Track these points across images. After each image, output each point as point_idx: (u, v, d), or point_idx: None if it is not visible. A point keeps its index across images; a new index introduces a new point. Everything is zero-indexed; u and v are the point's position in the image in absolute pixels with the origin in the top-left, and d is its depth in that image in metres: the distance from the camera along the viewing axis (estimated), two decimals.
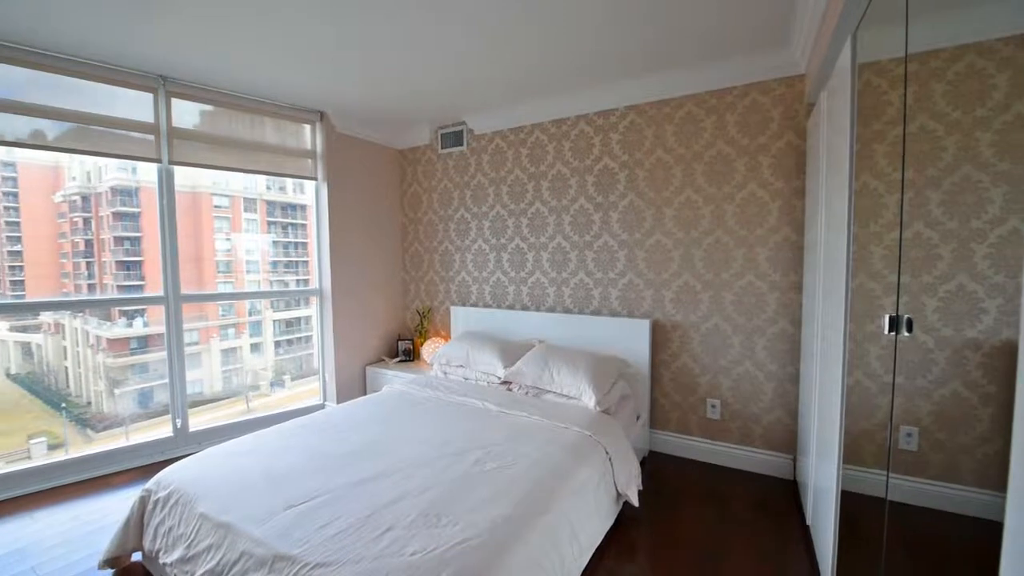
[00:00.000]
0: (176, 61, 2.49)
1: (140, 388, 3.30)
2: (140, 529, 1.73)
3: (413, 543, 1.35)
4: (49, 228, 3.23)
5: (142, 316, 3.23)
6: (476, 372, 2.94)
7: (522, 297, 3.34)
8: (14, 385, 3.08)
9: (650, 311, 2.83)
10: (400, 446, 1.98)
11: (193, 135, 2.87)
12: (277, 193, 3.93)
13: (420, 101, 3.09)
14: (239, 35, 2.20)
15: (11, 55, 2.24)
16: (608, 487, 1.97)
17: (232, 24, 2.09)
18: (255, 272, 3.81)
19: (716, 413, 2.66)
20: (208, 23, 2.09)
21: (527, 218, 3.27)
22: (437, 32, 2.14)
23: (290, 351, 4.06)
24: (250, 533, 1.41)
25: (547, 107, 3.05)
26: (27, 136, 2.38)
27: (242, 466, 1.80)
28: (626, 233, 2.88)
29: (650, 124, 2.76)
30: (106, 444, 2.86)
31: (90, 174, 3.29)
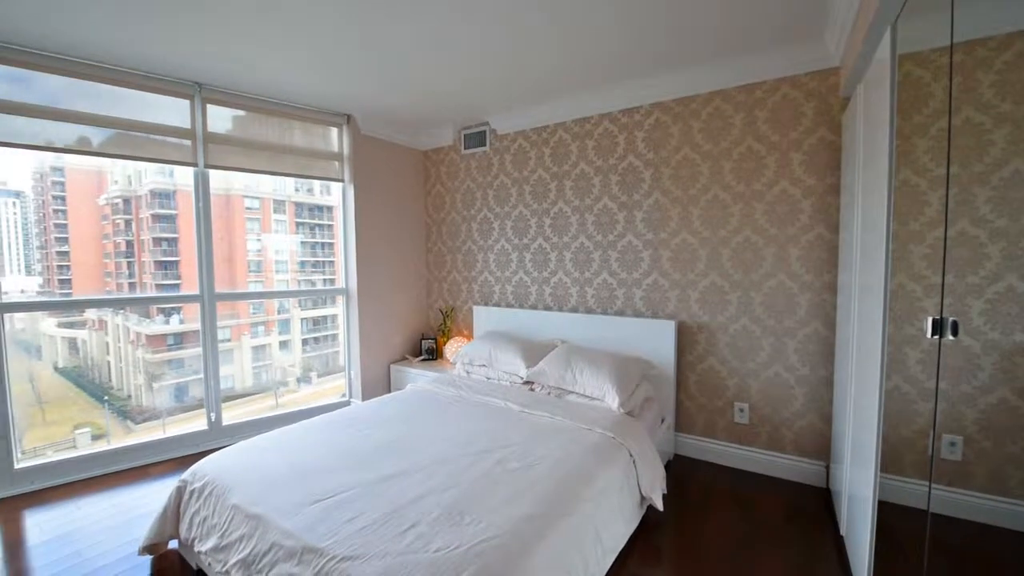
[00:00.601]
0: (211, 68, 2.59)
1: (176, 383, 3.44)
2: (177, 518, 1.80)
3: (437, 540, 1.36)
4: (94, 229, 3.39)
5: (178, 313, 3.37)
6: (498, 372, 2.95)
7: (544, 297, 3.33)
8: (61, 378, 3.26)
9: (675, 312, 2.77)
10: (424, 444, 2.00)
11: (226, 139, 2.97)
12: (305, 195, 4.03)
13: (444, 102, 3.12)
14: (270, 43, 2.27)
15: (60, 66, 2.37)
16: (632, 490, 1.94)
17: (263, 32, 2.16)
18: (284, 272, 3.92)
19: (744, 417, 2.59)
20: (241, 32, 2.16)
21: (550, 218, 3.26)
22: (461, 33, 2.15)
23: (317, 349, 4.16)
24: (280, 525, 1.45)
25: (570, 106, 3.03)
26: (74, 142, 2.51)
27: (272, 460, 1.85)
28: (651, 232, 2.83)
29: (676, 121, 2.71)
30: (145, 436, 2.99)
31: (131, 178, 3.44)
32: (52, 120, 2.41)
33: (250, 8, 1.95)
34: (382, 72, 2.63)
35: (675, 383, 2.72)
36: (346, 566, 1.28)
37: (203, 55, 2.41)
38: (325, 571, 1.29)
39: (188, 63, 2.51)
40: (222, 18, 2.03)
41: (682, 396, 2.79)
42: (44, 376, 3.05)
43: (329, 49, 2.34)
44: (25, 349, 2.79)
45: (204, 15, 2.00)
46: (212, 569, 1.61)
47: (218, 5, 1.92)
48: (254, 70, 2.61)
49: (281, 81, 2.77)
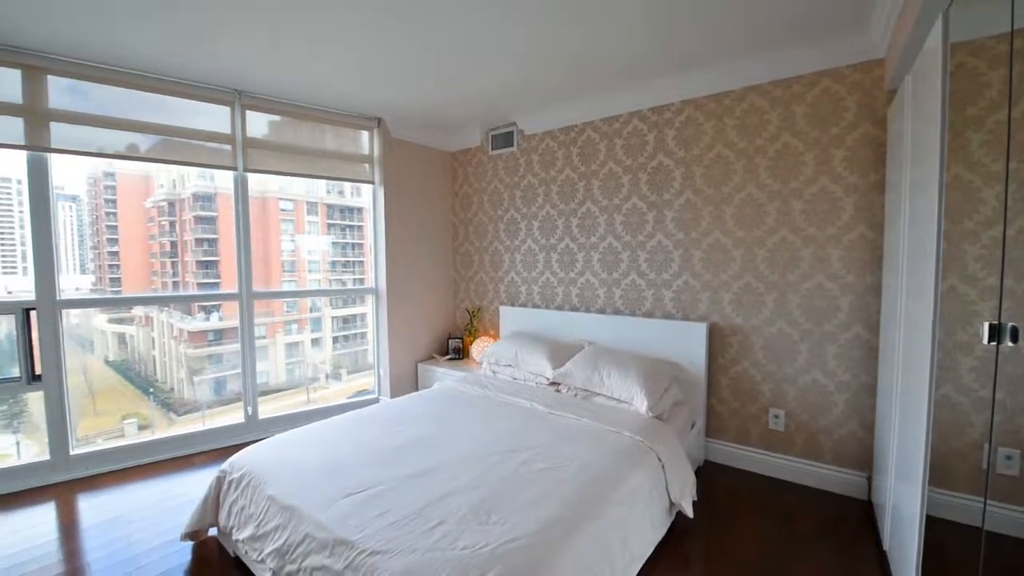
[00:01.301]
0: (250, 76, 2.69)
1: (215, 377, 3.59)
2: (216, 507, 1.88)
3: (463, 538, 1.37)
4: (141, 231, 3.58)
5: (218, 311, 3.52)
6: (524, 372, 2.94)
7: (571, 298, 3.31)
8: (111, 371, 3.45)
9: (707, 314, 2.70)
10: (450, 442, 2.02)
11: (263, 144, 3.08)
12: (336, 196, 4.14)
13: (471, 104, 3.14)
14: (305, 52, 2.35)
15: (113, 77, 2.51)
16: (660, 495, 1.90)
17: (299, 42, 2.24)
18: (316, 271, 4.04)
19: (779, 424, 2.50)
20: (278, 42, 2.24)
21: (577, 218, 3.23)
22: (490, 34, 2.16)
23: (347, 346, 4.26)
24: (313, 517, 1.49)
25: (598, 105, 3.00)
26: (124, 149, 2.65)
27: (305, 454, 1.91)
28: (682, 232, 2.77)
29: (709, 118, 2.64)
30: (186, 427, 3.14)
31: (175, 182, 3.62)
32: (105, 128, 2.56)
33: (288, 20, 2.03)
34: (411, 76, 2.67)
35: (706, 387, 2.65)
36: (375, 560, 1.30)
37: (243, 64, 2.51)
38: (355, 564, 1.32)
39: (229, 72, 2.61)
40: (262, 29, 2.12)
41: (713, 401, 2.71)
42: (96, 368, 3.24)
43: (360, 56, 2.40)
44: (79, 343, 2.96)
45: (245, 27, 2.09)
46: (249, 557, 1.67)
47: (258, 18, 1.99)
48: (290, 77, 2.70)
49: (315, 87, 2.86)
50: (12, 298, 2.61)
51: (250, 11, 1.96)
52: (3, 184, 2.90)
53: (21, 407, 2.80)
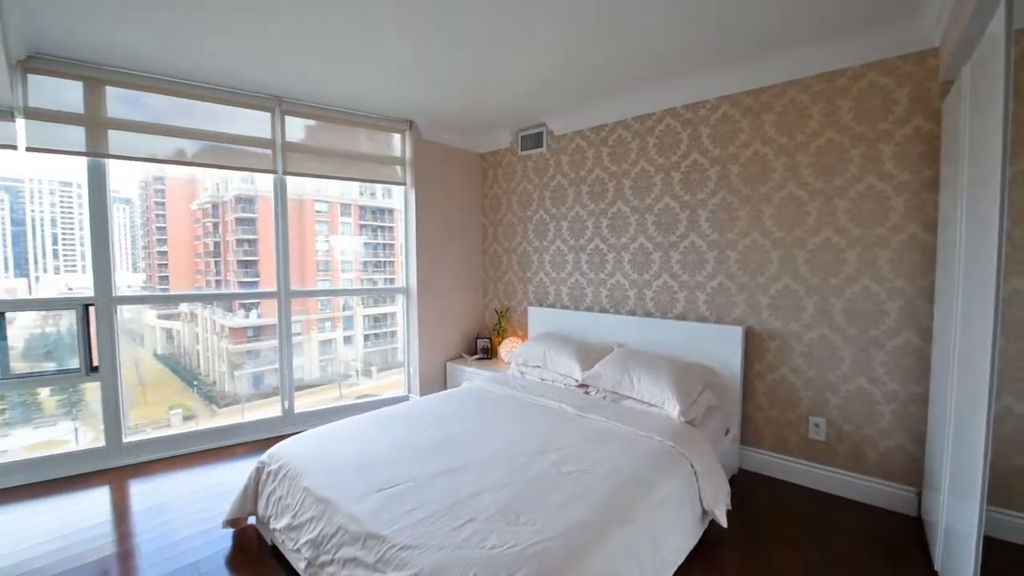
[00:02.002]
0: (290, 83, 2.79)
1: (254, 371, 3.74)
2: (255, 496, 1.96)
3: (492, 537, 1.37)
4: (187, 232, 3.78)
5: (256, 308, 3.66)
6: (553, 373, 2.93)
7: (601, 299, 3.27)
8: (159, 364, 3.65)
9: (743, 317, 2.61)
10: (479, 441, 2.03)
11: (301, 148, 3.18)
12: (368, 198, 4.25)
13: (501, 105, 3.15)
14: (342, 60, 2.42)
15: (163, 86, 2.66)
16: (693, 503, 1.85)
17: (336, 50, 2.32)
18: (348, 271, 4.15)
19: (820, 433, 2.39)
20: (317, 51, 2.33)
21: (607, 218, 3.19)
22: (520, 35, 2.16)
23: (377, 344, 4.36)
24: (346, 510, 1.53)
25: (630, 103, 2.95)
26: (173, 154, 2.80)
27: (339, 449, 1.96)
28: (716, 233, 2.69)
29: (746, 115, 2.56)
30: (227, 419, 3.28)
31: (219, 185, 3.80)
32: (156, 135, 2.71)
33: (325, 31, 2.10)
34: (443, 80, 2.70)
35: (741, 393, 2.56)
36: (406, 555, 1.32)
37: (283, 72, 2.61)
38: (386, 558, 1.34)
39: (270, 79, 2.72)
40: (302, 40, 2.21)
41: (749, 407, 2.62)
42: (146, 361, 3.43)
43: (394, 62, 2.46)
44: (131, 337, 3.14)
45: (286, 38, 2.17)
46: (285, 546, 1.73)
47: (299, 30, 2.07)
48: (327, 84, 2.79)
49: (351, 92, 2.94)
50: (73, 294, 2.79)
51: (291, 25, 2.04)
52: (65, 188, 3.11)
53: (79, 396, 3.00)
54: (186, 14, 1.98)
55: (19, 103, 2.33)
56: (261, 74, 2.64)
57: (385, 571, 1.32)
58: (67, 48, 2.30)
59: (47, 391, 2.95)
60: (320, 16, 1.99)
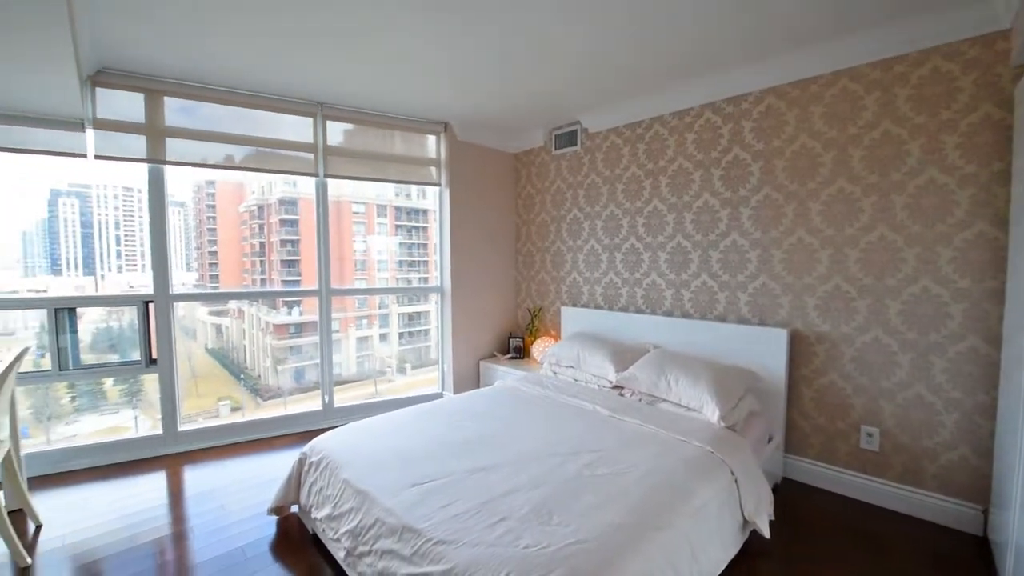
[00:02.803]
0: (331, 89, 2.89)
1: (295, 366, 3.90)
2: (298, 486, 2.03)
3: (526, 537, 1.37)
4: (235, 233, 3.97)
5: (298, 306, 3.81)
6: (586, 374, 2.89)
7: (636, 299, 3.20)
8: (210, 358, 3.86)
9: (788, 319, 2.50)
10: (512, 440, 2.03)
11: (340, 151, 3.29)
12: (403, 199, 4.34)
13: (536, 104, 3.14)
14: (380, 66, 2.50)
15: (214, 95, 2.80)
16: (733, 511, 1.79)
17: (375, 57, 2.39)
18: (384, 270, 4.26)
19: (873, 443, 2.25)
20: (357, 58, 2.41)
21: (643, 217, 3.12)
22: (554, 34, 2.15)
23: (411, 342, 4.45)
24: (383, 503, 1.57)
25: (667, 98, 2.88)
26: (222, 159, 2.95)
27: (376, 443, 2.01)
28: (759, 231, 2.58)
29: (792, 107, 2.44)
30: (270, 412, 3.42)
31: (264, 188, 3.97)
32: (207, 141, 2.86)
33: (365, 40, 2.18)
34: (477, 82, 2.73)
35: (786, 399, 2.45)
36: (441, 549, 1.34)
37: (325, 79, 2.71)
38: (422, 551, 1.37)
39: (313, 86, 2.83)
40: (343, 49, 2.29)
41: (794, 414, 2.50)
42: (198, 355, 3.63)
43: (430, 66, 2.51)
44: (185, 332, 3.34)
45: (328, 48, 2.26)
46: (326, 535, 1.78)
47: (340, 40, 2.15)
48: (366, 88, 2.87)
49: (388, 96, 3.01)
50: (134, 292, 2.99)
51: (333, 35, 2.11)
52: (127, 193, 3.34)
53: (139, 386, 3.22)
54: (237, 29, 2.08)
55: (89, 115, 2.51)
56: (304, 81, 2.74)
57: (421, 564, 1.35)
58: (130, 63, 2.47)
59: (111, 381, 3.18)
60: (361, 29, 2.05)
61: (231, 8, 1.94)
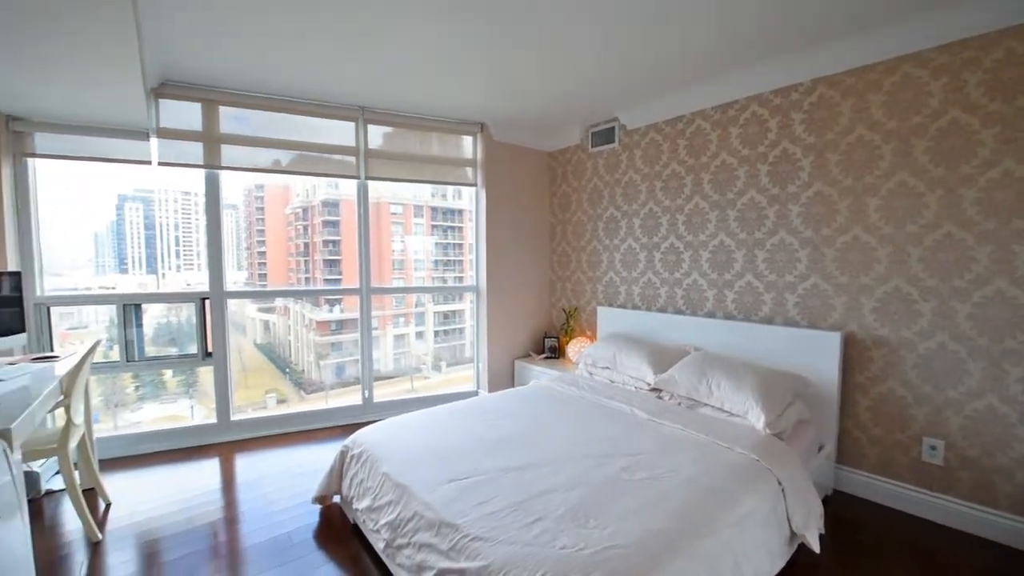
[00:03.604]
0: (372, 94, 2.98)
1: (336, 362, 4.04)
2: (340, 477, 2.11)
3: (562, 538, 1.36)
4: (282, 234, 4.16)
5: (339, 304, 3.95)
6: (623, 375, 2.84)
7: (676, 300, 3.11)
8: (258, 352, 4.06)
9: (842, 322, 2.36)
10: (547, 440, 2.02)
11: (380, 153, 3.37)
12: (439, 199, 4.42)
13: (572, 102, 3.11)
14: (420, 71, 2.57)
15: (263, 103, 2.94)
16: (780, 523, 1.70)
17: (414, 63, 2.46)
18: (421, 269, 4.35)
19: (937, 457, 2.09)
20: (398, 64, 2.49)
21: (684, 215, 3.03)
22: (592, 31, 2.12)
23: (446, 340, 4.52)
24: (421, 497, 1.60)
25: (710, 92, 2.78)
26: (270, 164, 3.09)
27: (415, 438, 2.05)
28: (810, 229, 2.45)
29: (847, 96, 2.30)
30: (313, 405, 3.56)
31: (308, 191, 4.14)
32: (256, 147, 3.01)
33: (406, 48, 2.25)
34: (514, 81, 2.73)
35: (838, 406, 2.31)
36: (478, 546, 1.35)
37: (367, 84, 2.79)
38: (459, 546, 1.38)
39: (355, 91, 2.92)
40: (384, 55, 2.37)
41: (848, 423, 2.36)
42: (247, 349, 3.83)
43: (467, 67, 2.54)
44: (236, 328, 3.52)
45: (370, 55, 2.34)
46: (366, 526, 1.84)
47: (380, 52, 2.21)
48: (406, 92, 2.94)
49: (427, 99, 3.07)
50: (191, 289, 3.19)
51: (375, 47, 2.18)
52: (185, 197, 3.56)
53: (195, 378, 3.43)
54: (286, 41, 2.18)
55: (153, 124, 2.70)
56: (347, 86, 2.83)
57: (458, 559, 1.36)
58: (189, 75, 2.63)
59: (170, 372, 3.40)
60: (398, 27, 2.10)
61: (282, 23, 2.04)
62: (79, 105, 2.38)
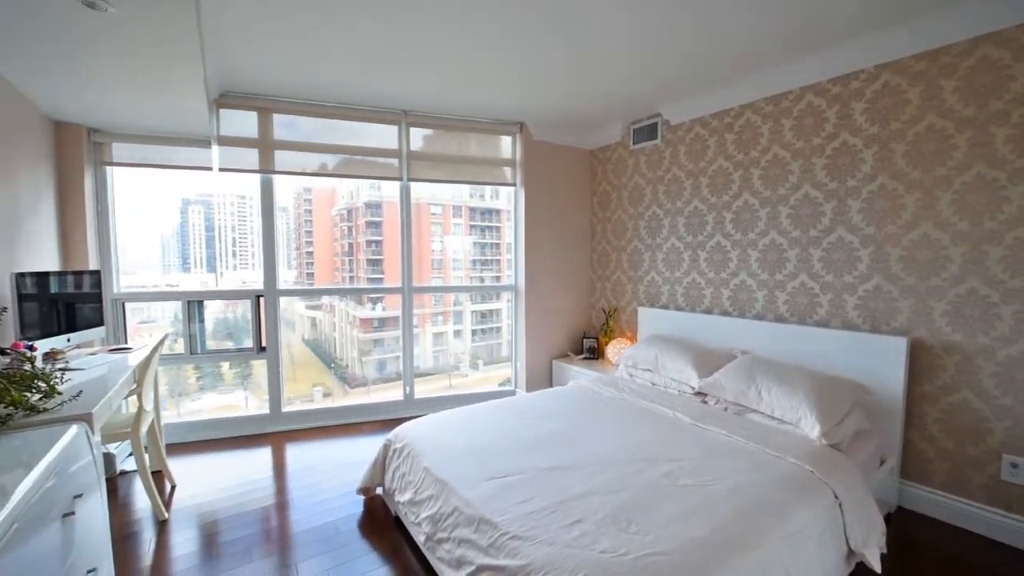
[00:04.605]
0: (414, 98, 3.05)
1: (378, 358, 4.17)
2: (383, 470, 2.17)
3: (603, 541, 1.34)
4: (328, 235, 4.33)
5: (381, 302, 4.07)
6: (665, 378, 2.76)
7: (722, 301, 2.99)
8: (305, 347, 4.25)
9: (908, 326, 2.19)
10: (587, 442, 2.00)
11: (421, 155, 3.44)
12: (477, 200, 4.46)
13: (613, 98, 3.05)
14: (461, 75, 2.62)
15: (312, 109, 3.07)
16: (836, 540, 1.60)
17: (456, 68, 2.51)
18: (459, 269, 4.41)
19: (1019, 476, 1.90)
20: (439, 69, 2.54)
21: (731, 212, 2.91)
22: (633, 21, 2.07)
23: (484, 339, 4.56)
24: (461, 493, 1.62)
25: (760, 82, 2.65)
26: (317, 167, 3.22)
27: (455, 434, 2.08)
28: (872, 226, 2.29)
29: (915, 82, 2.13)
30: (357, 399, 3.69)
31: (352, 193, 4.29)
32: (307, 152, 3.14)
33: (445, 54, 2.31)
34: (555, 79, 2.72)
35: (903, 417, 2.15)
36: (517, 544, 1.35)
37: (409, 88, 2.86)
38: (498, 544, 1.39)
39: (398, 95, 3.00)
40: (424, 59, 2.42)
41: (913, 435, 2.19)
42: (296, 344, 4.01)
43: (509, 69, 2.56)
44: (287, 324, 3.70)
45: (413, 61, 2.41)
46: (407, 519, 1.88)
47: (424, 65, 2.28)
48: (446, 94, 2.98)
49: (468, 100, 3.10)
50: (246, 287, 3.38)
51: (416, 51, 2.23)
52: (241, 200, 3.78)
53: (249, 370, 3.63)
54: (333, 49, 2.26)
55: (214, 133, 2.88)
56: (391, 91, 2.91)
57: (497, 556, 1.37)
58: (245, 85, 2.79)
59: (227, 364, 3.62)
60: (439, 31, 2.13)
61: (329, 36, 2.12)
62: (150, 117, 2.58)
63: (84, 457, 1.27)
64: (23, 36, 1.67)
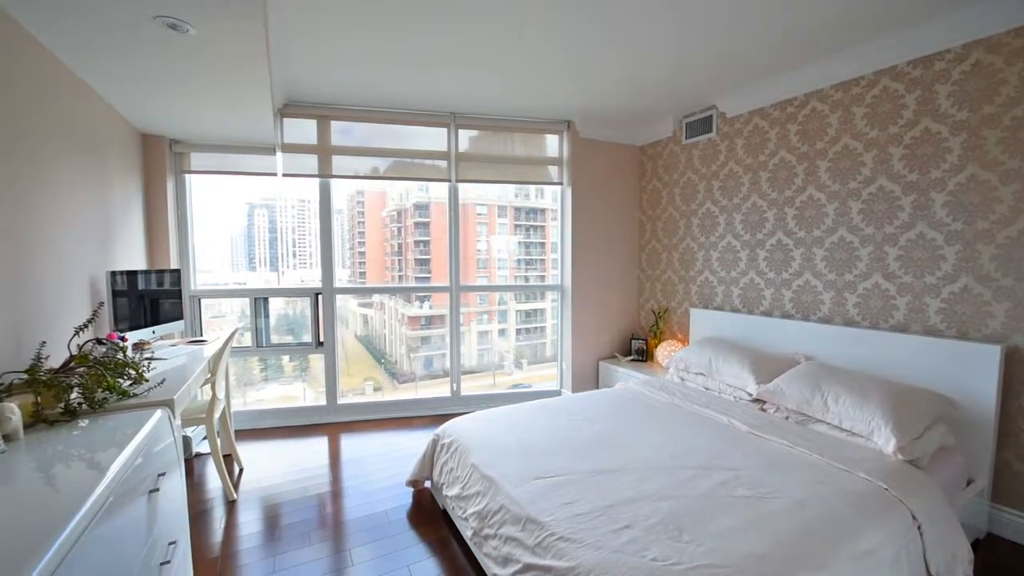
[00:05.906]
0: (463, 101, 3.10)
1: (426, 355, 4.27)
2: (431, 464, 2.22)
3: (653, 549, 1.30)
4: (379, 236, 4.50)
5: (428, 300, 4.17)
6: (719, 383, 2.64)
7: (783, 302, 2.82)
8: (358, 343, 4.43)
9: (1002, 333, 1.96)
10: (636, 446, 1.95)
11: (469, 156, 3.49)
12: (522, 199, 4.47)
13: (663, 90, 2.94)
14: (507, 76, 2.65)
15: (365, 115, 3.19)
16: (914, 565, 1.47)
17: (503, 70, 2.55)
18: (504, 268, 4.43)
19: None
20: (486, 72, 2.59)
21: (794, 208, 2.73)
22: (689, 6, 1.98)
23: (528, 339, 4.56)
24: (508, 491, 1.63)
25: (828, 69, 2.47)
26: (369, 171, 3.35)
27: (502, 432, 2.10)
28: (959, 221, 2.07)
29: (1013, 61, 1.90)
30: (405, 394, 3.80)
31: (401, 195, 4.43)
32: (360, 156, 3.28)
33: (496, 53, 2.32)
34: (604, 75, 2.67)
35: (995, 434, 1.93)
36: (564, 546, 1.34)
37: (458, 91, 2.92)
38: (545, 544, 1.38)
39: (447, 98, 3.06)
40: (475, 62, 2.47)
41: (1007, 455, 1.96)
42: (349, 340, 4.19)
43: (557, 69, 2.56)
44: (341, 321, 3.88)
45: (461, 66, 2.48)
46: (455, 513, 1.92)
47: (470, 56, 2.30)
48: (494, 95, 3.01)
49: (517, 101, 3.12)
50: (306, 285, 3.57)
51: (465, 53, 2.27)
52: (301, 203, 4.00)
53: (307, 364, 3.83)
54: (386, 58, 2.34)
55: (278, 140, 3.06)
56: (439, 94, 2.98)
57: (544, 557, 1.36)
58: (306, 95, 2.95)
59: (287, 358, 3.84)
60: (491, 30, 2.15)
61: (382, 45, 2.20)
62: (223, 127, 2.79)
63: (167, 439, 1.39)
64: (114, 56, 1.86)
